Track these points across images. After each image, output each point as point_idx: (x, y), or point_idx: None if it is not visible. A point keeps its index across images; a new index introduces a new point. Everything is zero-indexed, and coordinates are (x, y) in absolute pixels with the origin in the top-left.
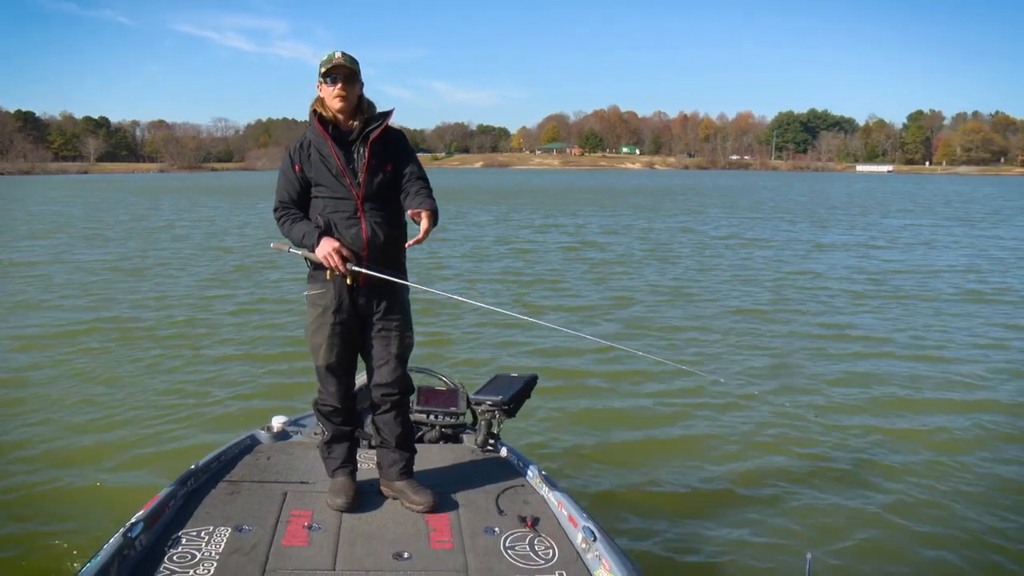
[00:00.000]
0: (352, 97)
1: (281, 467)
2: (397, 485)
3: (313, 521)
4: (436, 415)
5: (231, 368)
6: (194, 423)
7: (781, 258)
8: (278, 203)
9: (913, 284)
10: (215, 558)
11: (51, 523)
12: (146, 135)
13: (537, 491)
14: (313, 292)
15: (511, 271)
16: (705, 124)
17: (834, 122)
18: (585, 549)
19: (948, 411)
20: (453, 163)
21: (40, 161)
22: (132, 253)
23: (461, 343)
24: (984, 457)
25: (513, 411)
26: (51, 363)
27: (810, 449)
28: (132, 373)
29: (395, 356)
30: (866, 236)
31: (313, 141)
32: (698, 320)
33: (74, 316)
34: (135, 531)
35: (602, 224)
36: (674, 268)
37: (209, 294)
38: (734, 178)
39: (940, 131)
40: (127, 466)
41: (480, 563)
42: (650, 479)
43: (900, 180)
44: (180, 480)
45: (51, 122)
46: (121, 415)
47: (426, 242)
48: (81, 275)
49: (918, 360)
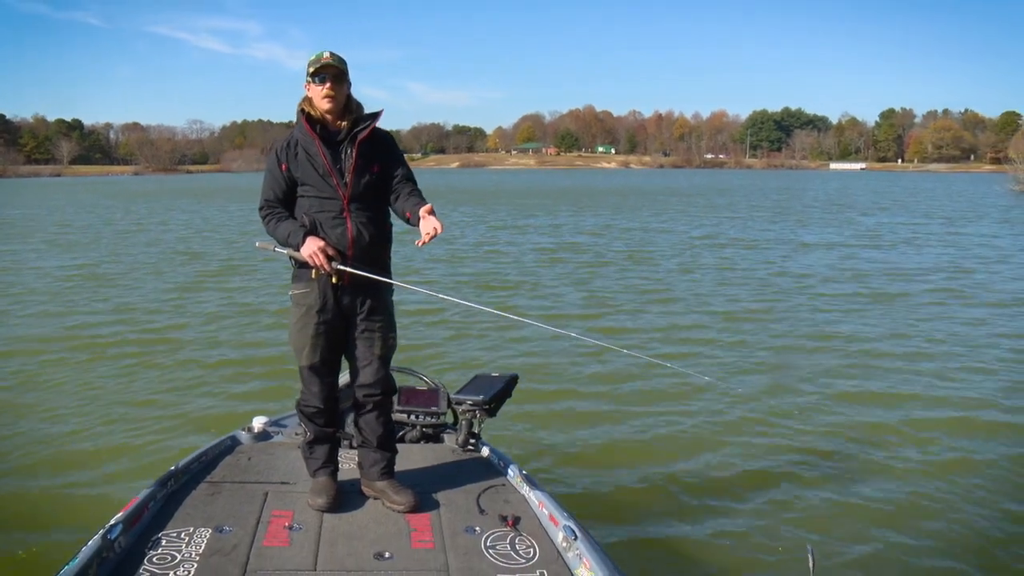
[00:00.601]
0: (340, 97)
1: (262, 468)
2: (378, 485)
3: (294, 521)
4: (417, 415)
5: (211, 370)
6: (174, 425)
7: (768, 258)
8: (263, 202)
9: (900, 284)
10: (195, 559)
11: (29, 526)
12: (120, 137)
13: (518, 490)
14: (297, 292)
15: (489, 272)
16: (680, 123)
17: (808, 120)
18: (566, 548)
19: (940, 407)
20: (429, 163)
21: (12, 164)
22: (104, 258)
23: (443, 344)
24: (977, 451)
25: (494, 411)
26: (25, 369)
27: (795, 445)
28: (111, 375)
29: (378, 357)
30: (850, 234)
31: (300, 140)
32: (683, 319)
33: (45, 322)
34: (114, 533)
35: (584, 224)
36: (655, 270)
37: (186, 296)
38: (710, 177)
39: (911, 129)
40: (107, 468)
41: (461, 562)
42: (631, 478)
43: (874, 177)
44: (160, 481)
45: (23, 124)
46: (101, 418)
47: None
48: (49, 281)
49: (906, 358)
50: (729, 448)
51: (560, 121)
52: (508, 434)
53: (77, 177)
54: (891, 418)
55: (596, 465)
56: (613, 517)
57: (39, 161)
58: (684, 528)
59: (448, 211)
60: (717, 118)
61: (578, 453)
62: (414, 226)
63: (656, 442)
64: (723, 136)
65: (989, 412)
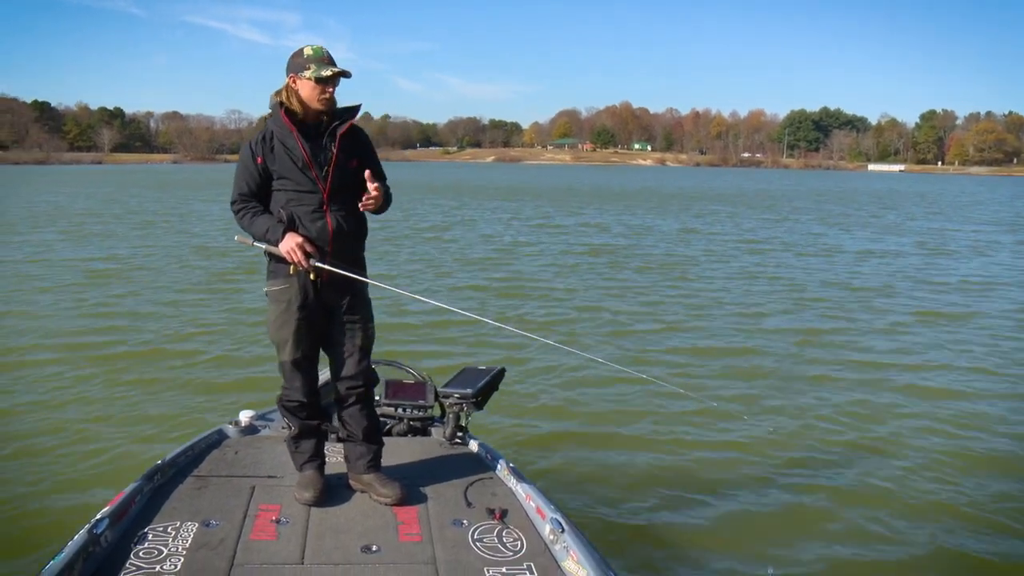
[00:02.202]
0: (335, 99)
1: (249, 461)
2: (365, 478)
3: (281, 515)
4: (404, 408)
5: (198, 363)
6: (161, 419)
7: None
8: (237, 195)
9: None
10: (182, 553)
11: (13, 521)
12: (160, 126)
13: (505, 483)
14: (275, 288)
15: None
16: (717, 121)
17: (846, 121)
18: (553, 540)
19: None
20: (465, 157)
21: (55, 151)
22: (103, 253)
23: (429, 340)
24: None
25: (481, 404)
26: (12, 363)
27: (786, 445)
28: (96, 370)
29: (359, 348)
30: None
31: (277, 133)
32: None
33: (37, 312)
34: (100, 527)
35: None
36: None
37: (177, 288)
38: (757, 178)
39: (952, 131)
40: (93, 462)
41: (448, 555)
42: (618, 471)
43: (916, 180)
44: (146, 475)
45: (67, 112)
46: (86, 412)
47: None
48: (56, 271)
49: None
50: (721, 446)
51: (596, 117)
52: (495, 427)
53: (117, 165)
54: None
55: (583, 459)
56: (600, 510)
57: (81, 148)
58: (671, 520)
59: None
60: (755, 117)
61: (565, 447)
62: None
63: (644, 436)
64: (760, 135)
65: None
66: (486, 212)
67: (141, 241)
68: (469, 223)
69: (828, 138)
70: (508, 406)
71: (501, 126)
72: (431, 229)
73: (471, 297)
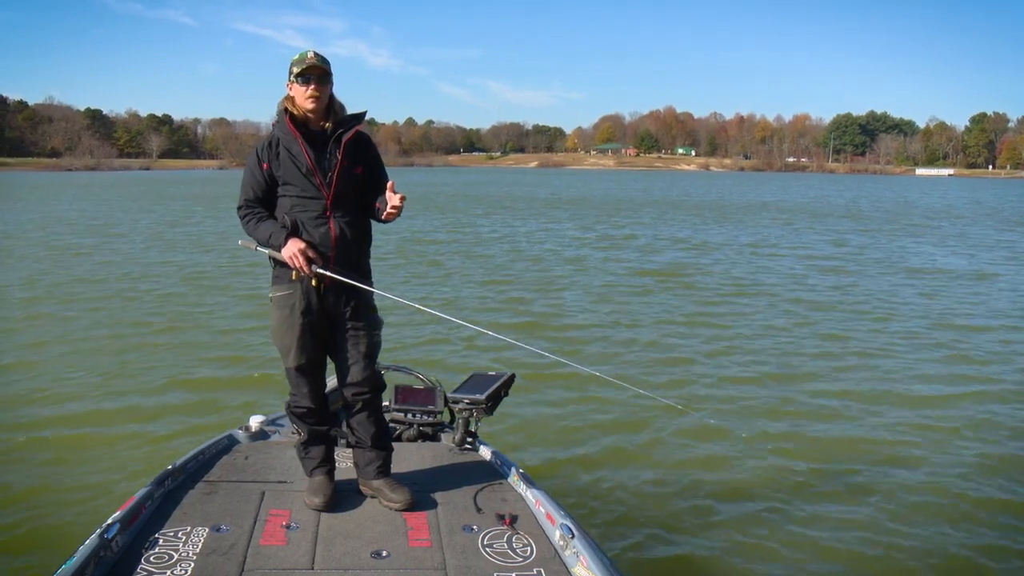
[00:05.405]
0: (324, 98)
1: (259, 467)
2: (375, 484)
3: (291, 520)
4: (414, 414)
5: (209, 368)
6: (171, 424)
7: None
8: (243, 201)
9: None
10: (192, 558)
11: (25, 525)
12: (207, 132)
13: (515, 489)
14: (279, 294)
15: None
16: (761, 126)
17: (893, 124)
18: (563, 546)
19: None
20: (508, 162)
21: (105, 157)
22: (118, 257)
23: (442, 346)
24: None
25: (491, 409)
26: (20, 363)
27: (795, 455)
28: (108, 373)
29: (364, 355)
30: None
31: (282, 139)
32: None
33: (44, 314)
34: (111, 532)
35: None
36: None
37: (187, 291)
38: (795, 181)
39: (1004, 134)
40: (104, 467)
41: (458, 561)
42: (628, 477)
43: (966, 185)
44: (157, 480)
45: (117, 119)
46: (97, 417)
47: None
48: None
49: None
50: (730, 454)
51: (640, 122)
52: (505, 433)
53: (165, 171)
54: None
55: (593, 464)
56: (610, 516)
57: (131, 155)
58: (680, 527)
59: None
60: (800, 121)
61: (575, 452)
62: (378, 219)
63: (654, 442)
64: (805, 139)
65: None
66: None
67: (160, 254)
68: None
69: (875, 142)
70: (519, 412)
71: (544, 131)
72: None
73: (512, 322)
